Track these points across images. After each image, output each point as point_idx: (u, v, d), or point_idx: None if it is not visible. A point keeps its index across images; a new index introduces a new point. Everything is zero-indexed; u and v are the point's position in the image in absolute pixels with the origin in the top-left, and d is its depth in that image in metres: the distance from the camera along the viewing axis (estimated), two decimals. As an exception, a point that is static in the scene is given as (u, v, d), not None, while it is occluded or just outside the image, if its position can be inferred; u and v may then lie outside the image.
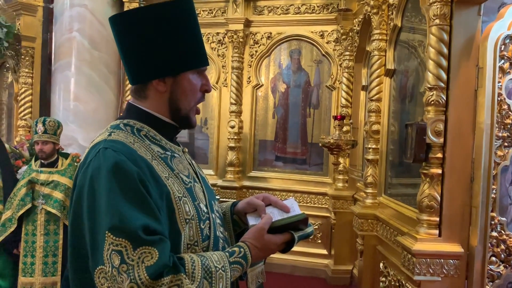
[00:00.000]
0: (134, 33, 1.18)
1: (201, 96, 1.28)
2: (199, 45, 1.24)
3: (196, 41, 1.23)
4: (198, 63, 1.24)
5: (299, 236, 1.29)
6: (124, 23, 1.20)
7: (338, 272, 4.86)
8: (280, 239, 1.25)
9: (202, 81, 1.26)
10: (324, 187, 5.18)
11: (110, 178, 1.04)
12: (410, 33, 3.30)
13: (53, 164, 3.52)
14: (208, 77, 1.30)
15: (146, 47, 1.18)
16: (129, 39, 1.20)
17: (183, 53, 1.20)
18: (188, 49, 1.21)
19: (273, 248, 1.24)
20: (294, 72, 5.37)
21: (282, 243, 1.26)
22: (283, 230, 1.26)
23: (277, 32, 5.35)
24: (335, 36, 5.12)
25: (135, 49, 1.20)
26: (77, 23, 5.24)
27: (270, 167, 5.46)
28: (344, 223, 4.75)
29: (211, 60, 5.58)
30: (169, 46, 1.18)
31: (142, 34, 1.18)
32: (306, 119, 5.33)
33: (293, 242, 1.27)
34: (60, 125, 3.56)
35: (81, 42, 5.23)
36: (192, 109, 1.27)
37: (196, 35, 1.23)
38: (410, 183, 3.14)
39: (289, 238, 1.26)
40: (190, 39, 1.21)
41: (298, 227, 1.30)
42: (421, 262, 2.52)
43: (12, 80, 5.82)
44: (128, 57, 1.22)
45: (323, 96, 5.26)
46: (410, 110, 3.27)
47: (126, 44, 1.21)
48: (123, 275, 0.97)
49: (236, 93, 5.36)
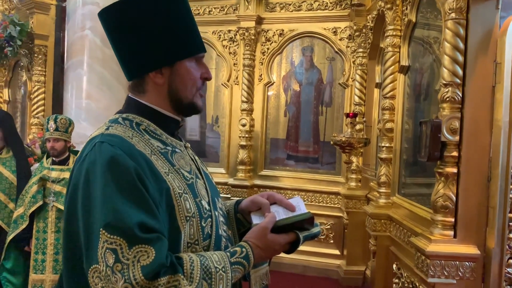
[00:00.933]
0: (124, 26, 1.14)
1: (201, 84, 1.23)
2: (193, 32, 1.19)
3: (190, 28, 1.18)
4: (194, 50, 1.19)
5: (305, 236, 1.23)
6: (112, 17, 1.16)
7: (351, 273, 4.78)
8: (284, 239, 1.19)
9: (201, 69, 1.22)
10: (337, 186, 5.11)
11: (106, 173, 0.99)
12: (425, 29, 3.21)
13: (65, 161, 3.52)
14: (206, 64, 1.25)
15: (138, 39, 1.14)
16: (119, 33, 1.16)
17: (177, 41, 1.15)
18: (182, 36, 1.16)
19: (277, 248, 1.18)
20: (306, 70, 5.30)
21: (286, 243, 1.20)
22: (287, 230, 1.21)
23: (289, 29, 5.28)
24: (348, 32, 5.04)
25: (127, 42, 1.16)
26: (89, 21, 5.24)
27: (281, 166, 5.40)
28: (357, 223, 4.67)
29: (222, 58, 5.55)
30: (161, 36, 1.14)
31: (132, 26, 1.13)
32: (319, 117, 5.26)
33: (298, 242, 1.21)
34: (71, 123, 3.56)
35: (93, 40, 5.23)
36: (196, 95, 1.22)
37: (189, 22, 1.18)
38: (425, 182, 3.06)
39: (294, 238, 1.21)
40: (182, 27, 1.17)
41: (304, 227, 1.24)
42: (435, 264, 2.44)
43: (26, 78, 5.86)
44: (121, 52, 1.18)
45: (336, 93, 5.19)
46: (425, 107, 3.18)
47: (117, 39, 1.17)
48: (117, 275, 0.93)
49: (248, 91, 5.31)
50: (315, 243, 5.17)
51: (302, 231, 1.23)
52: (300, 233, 1.22)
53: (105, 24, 1.17)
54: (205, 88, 5.47)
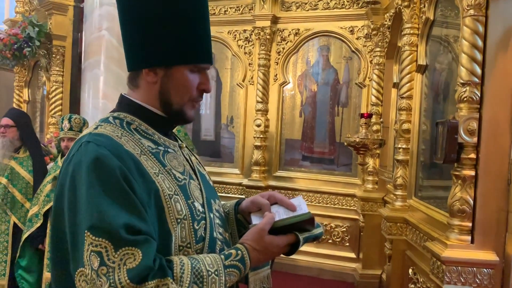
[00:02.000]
0: (134, 13, 1.11)
1: (197, 95, 1.17)
2: (201, 38, 1.14)
3: (198, 34, 1.13)
4: (196, 59, 1.13)
5: (305, 238, 1.18)
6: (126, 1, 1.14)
7: (367, 277, 4.68)
8: (283, 240, 1.14)
9: (200, 80, 1.16)
10: (353, 188, 5.01)
11: (90, 173, 0.96)
12: (443, 27, 3.12)
13: (78, 161, 3.54)
14: (209, 76, 1.19)
15: (142, 31, 1.11)
16: (128, 18, 1.13)
17: (180, 44, 1.10)
18: (187, 41, 1.11)
19: (275, 250, 1.13)
20: (322, 69, 5.23)
21: (285, 245, 1.15)
22: (287, 231, 1.16)
23: (305, 28, 5.22)
24: (365, 31, 4.95)
25: (132, 31, 1.13)
26: (106, 22, 5.28)
27: (296, 167, 5.34)
28: (373, 226, 4.57)
29: (237, 58, 5.52)
30: (165, 34, 1.09)
31: (140, 16, 1.10)
32: (335, 117, 5.18)
33: (298, 244, 1.16)
34: (86, 123, 3.58)
35: (110, 40, 5.27)
36: (186, 104, 1.16)
37: (199, 27, 1.13)
38: (442, 185, 2.96)
39: (294, 239, 1.15)
40: (190, 30, 1.11)
41: (304, 228, 1.18)
42: (451, 270, 2.35)
43: (45, 78, 5.95)
44: (125, 39, 1.15)
45: (353, 94, 5.10)
46: (443, 108, 3.08)
47: (124, 24, 1.14)
48: (102, 279, 0.90)
49: (263, 91, 5.27)
50: (330, 245, 5.10)
51: (302, 232, 1.18)
52: (300, 234, 1.16)
53: (119, 5, 1.15)
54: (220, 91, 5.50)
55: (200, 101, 1.21)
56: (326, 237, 5.14)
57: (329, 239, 5.13)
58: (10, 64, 5.90)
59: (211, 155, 5.67)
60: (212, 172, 5.52)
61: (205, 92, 1.19)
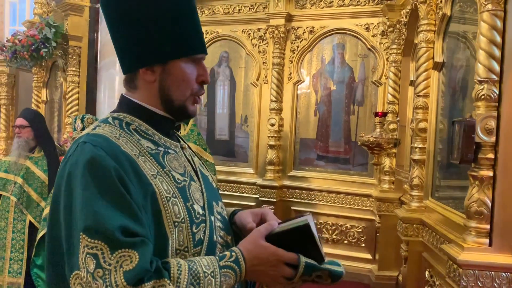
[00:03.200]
0: (120, 14, 1.10)
1: (198, 88, 1.15)
2: (193, 30, 1.12)
3: (188, 26, 1.11)
4: (190, 51, 1.12)
5: (309, 264, 1.07)
6: (110, 3, 1.11)
7: (383, 278, 4.60)
8: (281, 252, 1.07)
9: (198, 71, 1.14)
10: (369, 188, 4.93)
11: (85, 174, 0.95)
12: (461, 23, 3.02)
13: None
14: (206, 67, 1.18)
15: (131, 31, 1.09)
16: (116, 21, 1.11)
17: (171, 39, 1.09)
18: (178, 35, 1.09)
19: (272, 259, 1.06)
20: (337, 67, 5.15)
21: (284, 261, 1.07)
22: (288, 248, 1.07)
23: (320, 26, 5.15)
24: (381, 28, 4.86)
25: (122, 33, 1.11)
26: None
27: (311, 167, 5.28)
28: (389, 227, 4.48)
29: (251, 56, 5.49)
30: (156, 31, 1.07)
31: (127, 16, 1.08)
32: (350, 116, 5.10)
33: (297, 266, 1.07)
34: (98, 122, 3.60)
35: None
36: (188, 99, 1.14)
37: (189, 19, 1.11)
38: (460, 185, 2.87)
39: (294, 259, 1.07)
40: (180, 24, 1.09)
41: (311, 254, 1.08)
42: (468, 273, 2.27)
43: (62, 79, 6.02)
44: (116, 43, 1.13)
45: (368, 92, 5.01)
46: (462, 106, 2.99)
47: (113, 28, 1.12)
48: (99, 281, 0.88)
49: (277, 90, 5.22)
50: (346, 246, 5.04)
51: (308, 258, 1.08)
52: (304, 258, 1.07)
53: (103, 9, 1.14)
54: (234, 90, 5.49)
55: (202, 94, 1.19)
56: (341, 237, 5.07)
57: (345, 240, 5.06)
58: (28, 65, 5.99)
59: (226, 155, 5.65)
60: (226, 171, 5.52)
61: (205, 83, 1.18)
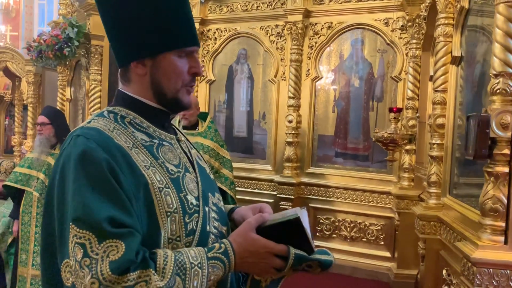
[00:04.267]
0: (111, 9, 1.12)
1: (190, 79, 1.16)
2: (182, 23, 1.12)
3: (178, 19, 1.12)
4: (179, 43, 1.12)
5: (300, 256, 1.09)
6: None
7: (402, 277, 4.54)
8: (271, 244, 1.08)
9: (190, 63, 1.15)
10: (388, 185, 4.86)
11: (77, 166, 0.98)
12: (479, 16, 2.94)
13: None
14: (198, 59, 1.19)
15: (121, 25, 1.11)
16: (107, 15, 1.14)
17: (161, 32, 1.10)
18: (168, 27, 1.10)
19: (262, 252, 1.08)
20: (356, 63, 5.09)
21: (274, 253, 1.08)
22: (279, 241, 1.09)
23: (338, 21, 5.10)
24: (400, 23, 4.77)
25: (113, 27, 1.13)
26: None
27: (329, 164, 5.24)
28: (408, 225, 4.40)
29: (269, 53, 5.48)
30: (145, 25, 1.09)
31: (117, 10, 1.10)
32: (369, 112, 5.04)
33: (287, 258, 1.08)
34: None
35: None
36: (180, 90, 1.15)
37: (177, 12, 1.11)
38: (478, 183, 2.80)
39: (284, 250, 1.09)
40: (169, 17, 1.10)
41: (301, 246, 1.10)
42: (482, 272, 2.22)
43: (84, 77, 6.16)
44: (109, 37, 1.16)
45: (388, 88, 4.93)
46: (481, 101, 2.91)
47: (106, 22, 1.15)
48: (85, 270, 0.91)
49: (295, 86, 5.20)
50: (365, 244, 4.98)
51: (298, 249, 1.10)
52: (294, 249, 1.09)
53: (97, 5, 1.16)
54: (252, 87, 5.50)
55: (193, 85, 1.20)
56: (360, 235, 5.03)
57: (363, 238, 5.01)
58: (53, 64, 6.15)
59: (244, 152, 5.67)
60: (244, 168, 5.54)
61: (197, 75, 1.19)
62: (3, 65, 7.56)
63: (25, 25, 11.28)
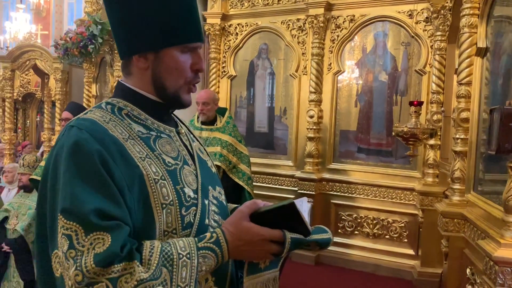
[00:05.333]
0: (117, 2, 1.12)
1: (193, 76, 1.15)
2: (187, 18, 1.11)
3: (182, 13, 1.10)
4: (183, 39, 1.11)
5: (296, 240, 1.07)
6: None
7: (426, 275, 4.43)
8: (265, 231, 1.06)
9: (192, 60, 1.14)
10: (412, 182, 4.74)
11: (68, 157, 0.98)
12: (504, 6, 2.82)
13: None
14: (201, 55, 1.17)
15: (126, 17, 1.10)
16: (111, 7, 1.13)
17: (164, 27, 1.09)
18: (172, 22, 1.09)
19: (256, 240, 1.05)
20: (379, 57, 4.98)
21: (269, 239, 1.06)
22: (274, 227, 1.06)
23: (360, 14, 4.99)
24: (425, 15, 4.63)
25: (117, 20, 1.13)
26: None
27: (351, 159, 5.15)
28: (433, 222, 4.27)
29: (291, 48, 5.42)
30: (149, 19, 1.08)
31: (121, 3, 1.10)
32: (392, 107, 4.92)
33: (284, 242, 1.06)
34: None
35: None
36: (182, 88, 1.14)
37: (182, 7, 1.10)
38: (503, 179, 2.69)
39: (280, 236, 1.06)
40: (174, 12, 1.09)
41: (296, 229, 1.08)
42: (505, 271, 2.13)
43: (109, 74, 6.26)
44: (113, 28, 1.16)
45: (412, 81, 4.80)
46: (507, 94, 2.79)
47: (111, 13, 1.14)
48: (70, 261, 0.90)
49: (316, 81, 5.13)
50: (388, 241, 4.88)
51: (294, 233, 1.08)
52: (289, 233, 1.06)
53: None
54: (273, 82, 5.45)
55: (197, 82, 1.18)
56: (383, 232, 4.93)
57: (386, 235, 4.91)
58: (78, 61, 6.28)
59: (265, 147, 5.64)
60: (265, 164, 5.51)
61: (199, 72, 1.17)
62: (33, 63, 7.78)
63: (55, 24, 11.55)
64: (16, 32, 9.42)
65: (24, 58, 7.74)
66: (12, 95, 8.19)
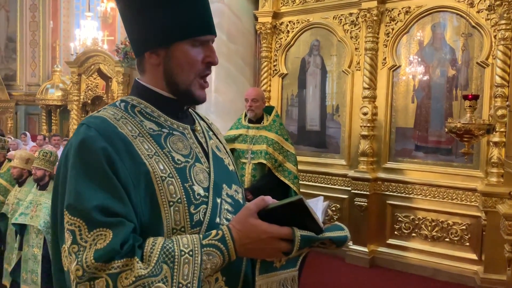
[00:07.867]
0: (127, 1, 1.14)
1: (204, 68, 1.14)
2: (196, 11, 1.11)
3: (191, 7, 1.10)
4: (193, 33, 1.10)
5: (306, 237, 1.01)
6: None
7: (489, 282, 4.14)
8: (273, 228, 1.01)
9: (205, 53, 1.13)
10: (474, 181, 4.44)
11: (75, 154, 1.00)
12: None
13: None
14: (213, 47, 1.16)
15: (136, 15, 1.12)
16: (124, 6, 1.15)
17: (175, 21, 1.09)
18: (181, 16, 1.09)
19: (264, 237, 1.01)
20: (437, 49, 4.71)
21: (277, 237, 1.01)
22: (283, 224, 1.01)
23: (416, 5, 4.75)
24: (487, 3, 4.30)
25: (129, 18, 1.15)
26: (216, 18, 5.51)
27: (408, 158, 4.91)
28: (497, 225, 3.99)
29: (343, 43, 5.28)
30: (159, 13, 1.09)
31: (132, 1, 1.12)
32: (452, 102, 4.63)
33: (293, 241, 1.01)
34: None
35: (219, 36, 5.43)
36: (193, 83, 1.14)
37: (191, 0, 1.10)
38: None
39: (288, 233, 1.01)
40: (183, 4, 1.09)
41: (307, 226, 1.02)
42: None
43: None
44: (126, 27, 1.18)
45: (474, 75, 4.49)
46: None
47: (123, 12, 1.16)
48: (72, 256, 0.93)
49: (370, 76, 4.95)
50: (448, 244, 4.62)
51: (305, 230, 1.02)
52: (300, 231, 1.01)
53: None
54: (325, 79, 5.32)
55: (207, 75, 1.17)
56: (442, 235, 4.66)
57: (446, 238, 4.64)
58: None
59: (317, 146, 5.54)
60: (317, 163, 5.43)
61: (212, 65, 1.16)
62: (97, 67, 8.23)
63: (120, 29, 12.14)
64: (85, 39, 10.01)
65: (89, 63, 8.22)
66: (79, 98, 8.72)
